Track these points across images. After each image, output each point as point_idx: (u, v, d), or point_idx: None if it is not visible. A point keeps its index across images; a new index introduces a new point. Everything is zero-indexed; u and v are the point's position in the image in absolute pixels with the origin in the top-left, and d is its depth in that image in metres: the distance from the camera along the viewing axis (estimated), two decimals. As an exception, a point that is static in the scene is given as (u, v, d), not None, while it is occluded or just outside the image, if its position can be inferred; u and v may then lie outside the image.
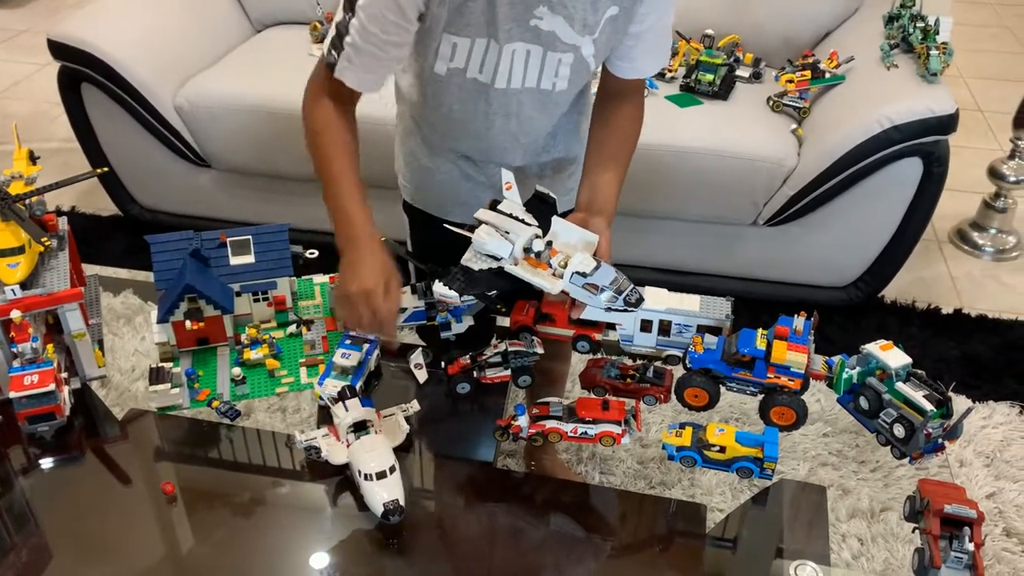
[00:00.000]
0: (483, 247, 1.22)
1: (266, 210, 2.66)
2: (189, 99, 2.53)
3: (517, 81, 1.29)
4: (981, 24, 4.53)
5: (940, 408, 1.18)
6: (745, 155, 2.30)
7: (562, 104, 1.37)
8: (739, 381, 1.26)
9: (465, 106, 1.35)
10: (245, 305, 1.43)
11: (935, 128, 2.13)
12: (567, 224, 1.25)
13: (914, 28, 2.31)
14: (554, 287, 1.19)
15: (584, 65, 1.30)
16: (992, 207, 2.85)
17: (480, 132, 1.38)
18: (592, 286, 1.19)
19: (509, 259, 1.21)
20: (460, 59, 1.27)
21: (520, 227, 1.23)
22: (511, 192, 1.29)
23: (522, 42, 1.25)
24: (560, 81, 1.31)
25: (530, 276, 1.21)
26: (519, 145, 1.42)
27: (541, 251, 1.22)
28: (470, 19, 1.22)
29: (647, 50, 1.33)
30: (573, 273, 1.19)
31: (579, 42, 1.26)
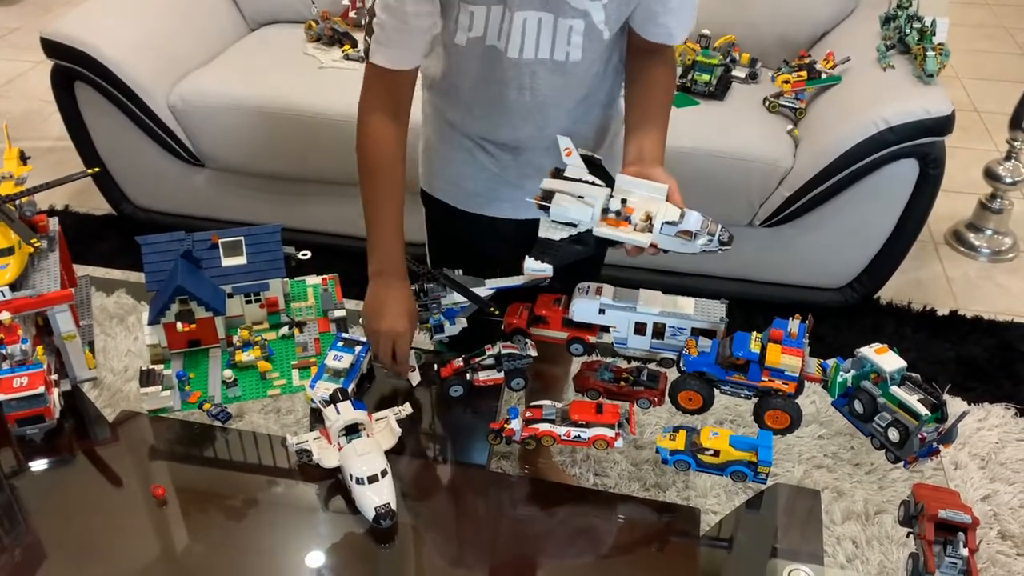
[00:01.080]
0: (564, 215, 1.20)
1: (260, 210, 2.65)
2: (183, 98, 2.52)
3: (530, 51, 1.29)
4: (978, 24, 4.52)
5: (935, 412, 1.17)
6: (741, 156, 2.29)
7: (578, 80, 1.35)
8: (733, 384, 1.26)
9: (483, 78, 1.35)
10: (237, 307, 1.42)
11: (931, 129, 2.13)
12: (633, 179, 1.23)
13: (910, 29, 2.31)
14: (645, 241, 1.17)
15: (596, 33, 1.28)
16: (988, 208, 2.84)
17: (497, 105, 1.37)
18: (685, 233, 1.17)
19: (592, 222, 1.19)
20: (478, 27, 1.28)
21: (593, 189, 1.21)
22: (572, 157, 1.26)
23: (532, 9, 1.25)
24: (573, 50, 1.29)
25: (620, 234, 1.18)
26: (535, 125, 1.40)
27: (619, 209, 1.19)
28: None
29: (674, 15, 1.30)
30: (664, 224, 1.17)
31: (588, 7, 1.25)
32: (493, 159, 1.46)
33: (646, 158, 1.30)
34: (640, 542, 1.22)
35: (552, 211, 1.21)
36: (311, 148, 2.48)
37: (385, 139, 1.34)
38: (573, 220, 1.20)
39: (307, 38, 2.78)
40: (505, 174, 1.46)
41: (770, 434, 1.22)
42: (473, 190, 1.49)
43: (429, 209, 1.60)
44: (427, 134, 1.54)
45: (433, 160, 1.54)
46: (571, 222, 1.20)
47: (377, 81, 1.32)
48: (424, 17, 1.25)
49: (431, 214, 1.60)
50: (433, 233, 1.63)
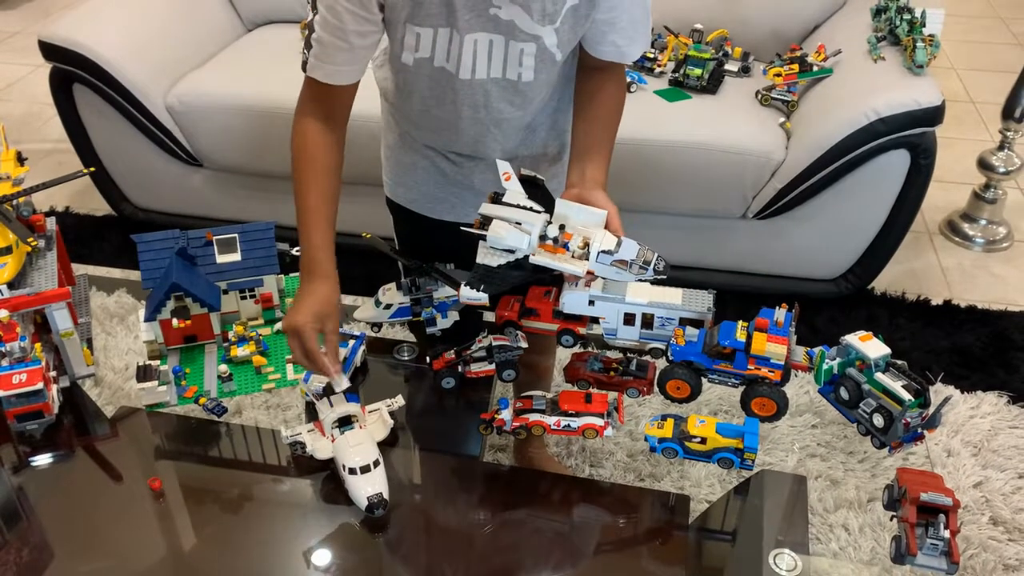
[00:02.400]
0: (501, 242, 1.19)
1: (258, 208, 2.67)
2: (181, 99, 2.55)
3: (482, 71, 1.28)
4: (974, 15, 4.53)
5: (918, 398, 1.19)
6: (734, 149, 2.31)
7: (533, 96, 1.35)
8: (720, 373, 1.27)
9: (435, 96, 1.34)
10: (232, 303, 1.45)
11: (921, 120, 2.14)
12: (572, 204, 1.24)
13: (900, 21, 2.32)
14: (581, 269, 1.18)
15: (549, 55, 1.28)
16: (982, 198, 2.85)
17: (451, 123, 1.38)
18: (621, 262, 1.19)
19: (529, 249, 1.19)
20: (426, 48, 1.27)
21: (531, 215, 1.21)
22: (511, 182, 1.26)
23: (483, 32, 1.24)
24: (525, 71, 1.29)
25: (555, 262, 1.19)
26: (492, 138, 1.41)
27: (556, 236, 1.20)
28: (430, 9, 1.22)
29: (623, 34, 1.30)
30: (599, 252, 1.18)
31: (540, 32, 1.25)
32: (454, 166, 1.47)
33: (588, 181, 1.29)
34: (630, 530, 1.24)
35: (489, 238, 1.20)
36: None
37: (317, 142, 1.30)
38: (510, 247, 1.19)
39: (303, 37, 2.79)
40: (468, 180, 1.48)
41: (756, 421, 1.24)
42: (436, 196, 1.51)
43: (395, 215, 1.61)
44: (388, 141, 1.55)
45: (395, 167, 1.55)
46: (509, 248, 1.20)
47: (314, 93, 1.29)
48: (366, 36, 1.24)
49: (397, 220, 1.62)
50: (401, 239, 1.64)
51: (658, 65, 2.59)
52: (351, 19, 1.20)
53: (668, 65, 2.60)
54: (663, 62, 2.60)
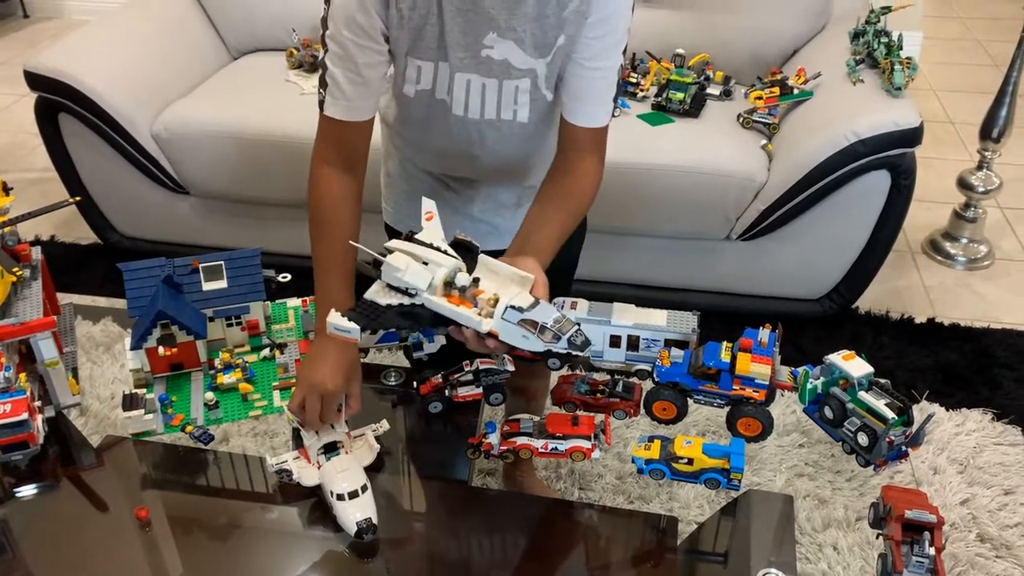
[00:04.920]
0: (395, 277, 1.02)
1: (245, 235, 2.68)
2: (167, 127, 2.55)
3: (475, 111, 1.30)
4: (951, 38, 4.60)
5: (901, 416, 1.20)
6: (717, 171, 2.33)
7: (528, 135, 1.36)
8: (705, 394, 1.28)
9: (435, 127, 1.36)
10: (218, 330, 1.45)
11: (901, 141, 2.17)
12: (496, 262, 1.09)
13: (878, 44, 2.36)
14: (482, 325, 1.02)
15: (541, 94, 1.30)
16: (963, 217, 2.89)
17: (450, 155, 1.40)
18: (530, 323, 1.01)
19: (428, 291, 1.03)
20: (426, 81, 1.29)
21: (441, 257, 1.05)
22: (431, 223, 1.14)
23: (476, 74, 1.26)
24: (520, 109, 1.31)
25: (455, 311, 1.02)
26: (491, 171, 1.43)
27: (466, 287, 1.04)
28: (429, 43, 1.24)
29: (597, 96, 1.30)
30: (508, 308, 1.01)
31: (534, 64, 1.26)
32: (454, 193, 1.49)
33: (528, 248, 1.21)
34: (620, 553, 1.24)
35: (384, 270, 1.04)
36: (293, 173, 2.50)
37: (338, 195, 1.30)
38: (407, 285, 1.02)
39: (288, 65, 2.82)
40: (467, 207, 1.49)
41: (742, 441, 1.24)
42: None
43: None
44: (388, 168, 1.57)
45: (395, 194, 1.56)
46: (405, 288, 1.03)
47: (331, 134, 1.29)
48: (376, 67, 1.25)
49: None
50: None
51: (641, 90, 2.62)
52: (359, 51, 1.22)
53: (651, 89, 2.63)
54: (646, 87, 2.63)
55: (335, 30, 1.22)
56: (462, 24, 1.22)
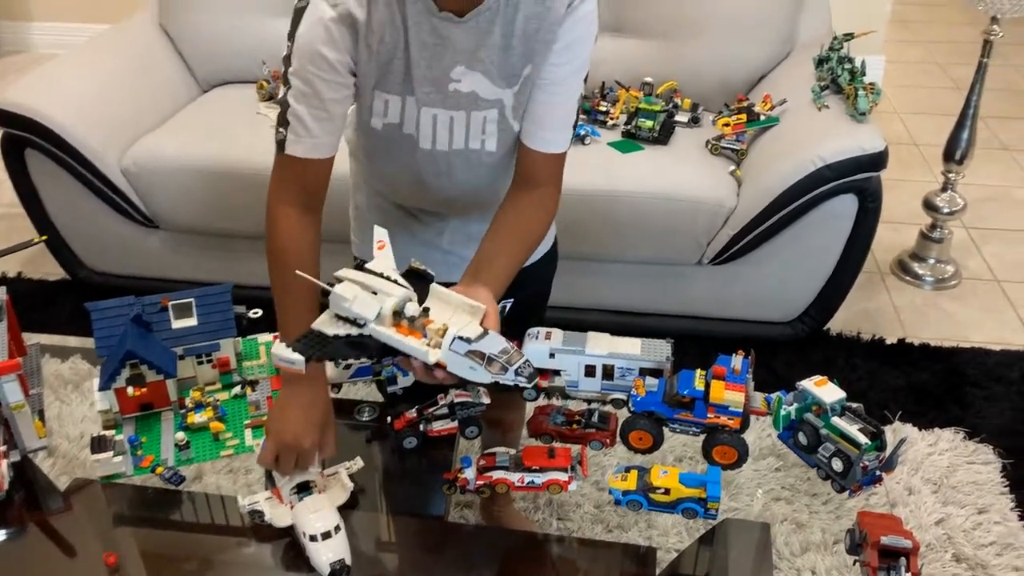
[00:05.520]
0: (343, 307, 1.01)
1: (216, 268, 2.66)
2: (136, 161, 2.53)
3: (443, 143, 1.30)
4: (913, 61, 4.70)
5: (874, 440, 1.20)
6: (687, 197, 2.35)
7: (496, 164, 1.36)
8: (681, 422, 1.29)
9: (403, 160, 1.36)
10: (189, 368, 1.43)
11: (867, 165, 2.20)
12: (447, 291, 1.08)
13: (842, 70, 2.40)
14: (430, 355, 1.00)
15: (508, 125, 1.30)
16: (929, 238, 2.93)
17: (418, 187, 1.40)
18: (477, 354, 1.01)
19: (376, 322, 1.01)
20: (394, 115, 1.29)
21: (390, 286, 1.04)
22: (383, 252, 1.13)
23: (443, 108, 1.26)
24: (488, 139, 1.31)
25: (401, 341, 1.01)
26: (461, 202, 1.43)
27: (415, 317, 1.02)
28: (396, 77, 1.24)
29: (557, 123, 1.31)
30: (455, 338, 1.00)
31: (501, 95, 1.26)
32: (423, 225, 1.49)
33: (479, 279, 1.20)
34: (597, 585, 1.23)
35: (331, 299, 1.02)
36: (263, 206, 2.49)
37: (295, 237, 1.28)
38: (355, 315, 1.01)
39: (259, 97, 2.82)
40: (436, 239, 1.49)
41: (718, 470, 1.25)
42: (404, 254, 1.51)
43: None
44: (357, 200, 1.56)
45: (364, 226, 1.56)
46: (353, 318, 1.01)
47: (291, 174, 1.27)
48: (342, 103, 1.24)
49: None
50: None
51: (610, 118, 2.64)
52: (325, 87, 1.20)
53: (620, 118, 2.65)
54: (615, 115, 2.65)
55: (299, 66, 1.21)
56: (428, 58, 1.22)
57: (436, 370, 1.03)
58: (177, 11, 2.91)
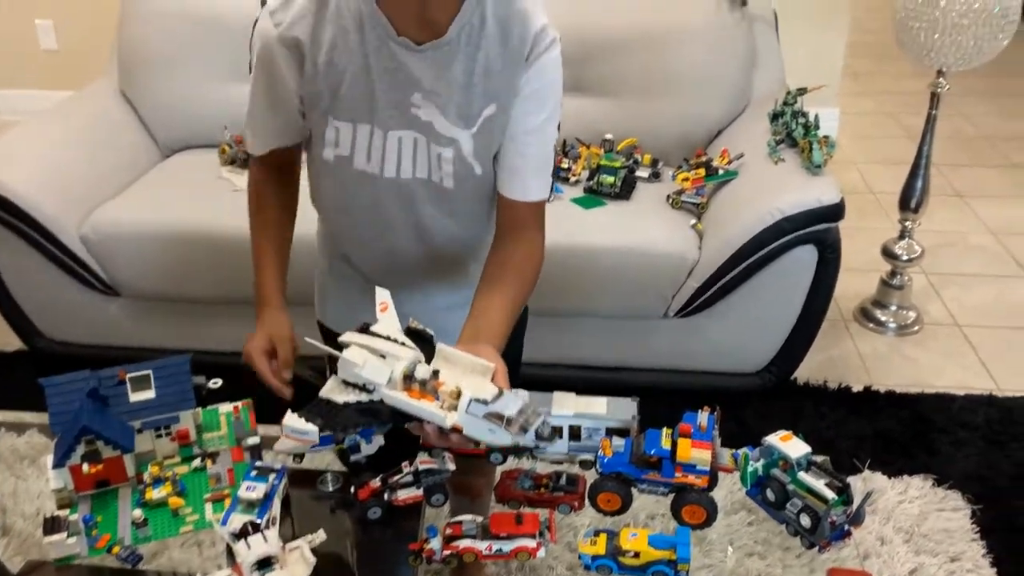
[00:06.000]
0: (353, 373, 1.00)
1: (179, 334, 2.62)
2: (95, 229, 2.51)
3: (407, 171, 1.30)
4: (865, 112, 4.83)
5: (841, 495, 1.20)
6: (650, 251, 2.38)
7: (458, 207, 1.35)
8: (649, 482, 1.27)
9: (357, 199, 1.35)
10: (147, 442, 1.39)
11: (824, 216, 2.24)
12: (455, 351, 1.07)
13: (796, 124, 2.45)
14: (447, 419, 0.99)
15: (466, 165, 1.29)
16: (890, 285, 2.98)
17: (377, 228, 1.39)
18: (496, 416, 1.00)
19: (387, 386, 1.00)
20: (345, 146, 1.28)
21: (399, 349, 1.03)
22: (387, 314, 1.12)
23: (407, 129, 1.26)
24: (446, 178, 1.30)
25: (417, 406, 0.99)
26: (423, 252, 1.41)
27: (426, 379, 1.01)
28: (351, 103, 1.24)
29: (533, 171, 1.32)
30: (472, 401, 0.98)
31: (456, 135, 1.26)
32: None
33: (481, 336, 1.21)
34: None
35: (340, 366, 1.01)
36: (227, 270, 2.47)
37: (268, 192, 1.42)
38: (366, 381, 1.00)
39: (221, 162, 2.82)
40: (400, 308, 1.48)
41: (688, 531, 1.23)
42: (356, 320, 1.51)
43: (325, 339, 1.60)
44: (321, 266, 1.56)
45: (326, 293, 1.56)
46: (363, 384, 1.00)
47: (261, 164, 1.40)
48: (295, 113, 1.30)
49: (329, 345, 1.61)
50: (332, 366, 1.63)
51: (572, 174, 2.67)
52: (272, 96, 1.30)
53: (582, 174, 2.69)
54: (577, 171, 2.68)
55: (254, 74, 1.29)
56: (389, 82, 1.23)
57: (452, 434, 1.02)
58: (138, 77, 2.92)
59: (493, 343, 1.19)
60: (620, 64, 2.76)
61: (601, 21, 2.75)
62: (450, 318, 1.37)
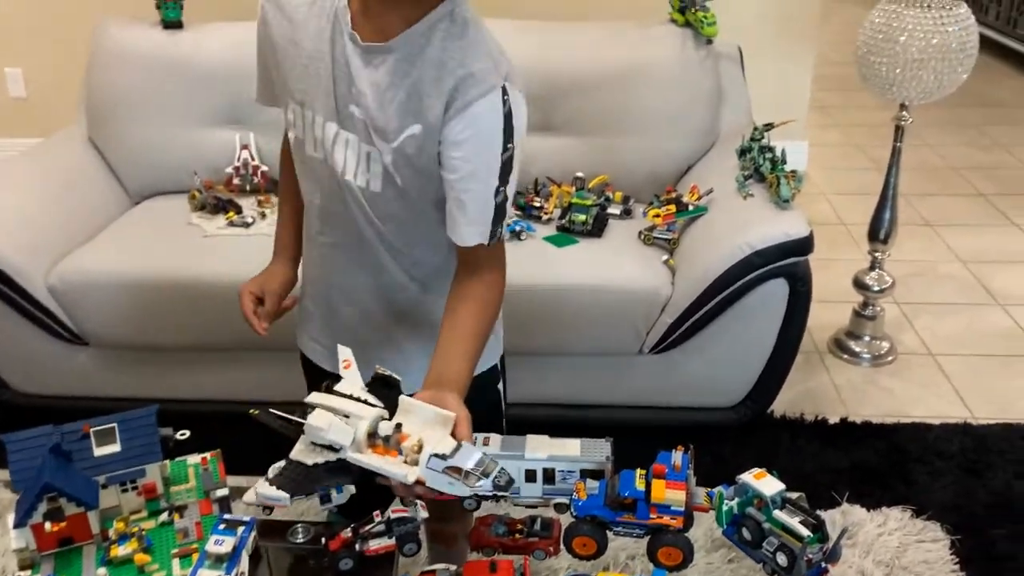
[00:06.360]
0: (319, 436, 1.05)
1: (149, 383, 2.59)
2: (63, 278, 2.48)
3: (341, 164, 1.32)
4: (832, 144, 4.90)
5: (816, 532, 1.19)
6: (623, 288, 2.38)
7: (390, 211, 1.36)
8: (624, 525, 1.26)
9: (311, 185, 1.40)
10: (112, 497, 1.36)
11: (793, 250, 2.26)
12: (417, 403, 1.11)
13: (764, 159, 2.48)
14: (409, 475, 1.04)
15: (389, 173, 1.30)
16: (863, 316, 3.00)
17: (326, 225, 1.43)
18: (455, 469, 1.05)
19: (352, 447, 1.05)
20: (299, 129, 1.35)
21: (362, 408, 1.09)
22: (350, 371, 1.17)
23: (344, 124, 1.30)
24: (374, 179, 1.31)
25: (379, 464, 1.05)
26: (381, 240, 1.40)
27: (389, 435, 1.07)
28: (306, 84, 1.30)
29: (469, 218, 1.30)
30: (431, 456, 1.04)
31: (380, 146, 1.28)
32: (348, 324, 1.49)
33: (444, 381, 1.22)
34: None
35: (307, 427, 1.06)
36: (198, 317, 2.45)
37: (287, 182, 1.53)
38: (331, 442, 1.05)
39: (191, 207, 2.80)
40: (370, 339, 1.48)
41: (664, 572, 1.22)
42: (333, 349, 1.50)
43: (306, 372, 1.61)
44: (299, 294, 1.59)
45: (302, 317, 1.58)
46: (330, 444, 1.05)
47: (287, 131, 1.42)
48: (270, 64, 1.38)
49: (310, 381, 1.60)
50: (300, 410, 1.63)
51: (545, 213, 2.68)
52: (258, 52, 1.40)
53: (554, 212, 2.70)
54: (549, 210, 2.69)
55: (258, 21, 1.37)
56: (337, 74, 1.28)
57: (416, 487, 1.07)
58: (106, 124, 2.91)
59: (455, 389, 1.20)
60: (589, 103, 2.79)
61: (568, 61, 2.78)
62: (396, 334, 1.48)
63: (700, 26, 2.71)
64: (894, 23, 2.54)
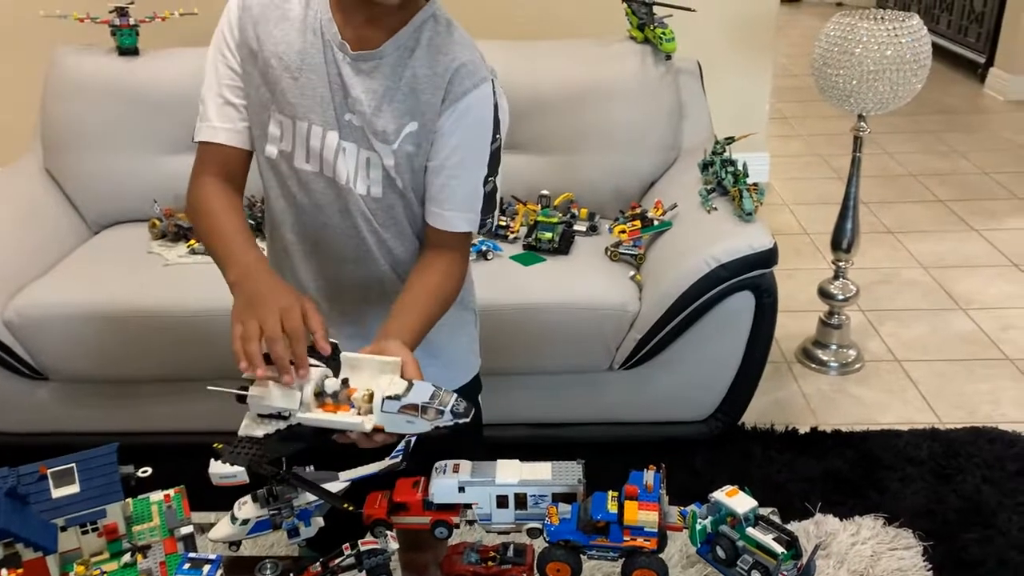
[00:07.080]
0: (264, 406, 1.02)
1: (112, 417, 2.53)
2: (20, 312, 2.42)
3: (341, 173, 1.32)
4: (794, 155, 4.96)
5: (790, 549, 1.19)
6: (591, 305, 2.38)
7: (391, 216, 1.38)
8: (598, 548, 1.25)
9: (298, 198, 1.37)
10: (72, 539, 1.32)
11: (758, 263, 2.27)
12: (359, 355, 1.09)
13: (726, 173, 2.49)
14: (366, 422, 1.02)
15: (390, 177, 1.33)
16: (829, 324, 3.02)
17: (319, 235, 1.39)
18: (411, 407, 1.03)
19: (301, 409, 1.02)
20: (287, 141, 1.32)
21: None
22: None
23: (342, 133, 1.30)
24: (374, 186, 1.34)
25: (333, 419, 1.02)
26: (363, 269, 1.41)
27: (337, 391, 1.04)
28: (297, 96, 1.29)
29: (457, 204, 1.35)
30: (384, 399, 1.01)
31: (380, 149, 1.30)
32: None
33: (390, 335, 1.22)
34: None
35: (250, 402, 1.04)
36: (160, 348, 2.41)
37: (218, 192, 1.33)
38: (278, 410, 1.02)
39: (151, 236, 2.76)
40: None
41: (639, 597, 1.21)
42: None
43: None
44: None
45: None
46: (277, 413, 1.03)
47: (205, 155, 1.35)
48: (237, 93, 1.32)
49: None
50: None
51: (511, 232, 2.68)
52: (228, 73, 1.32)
53: (520, 231, 2.69)
54: (515, 228, 2.69)
55: (210, 55, 1.32)
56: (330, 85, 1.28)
57: (376, 435, 1.05)
58: (63, 154, 2.86)
59: (401, 337, 1.20)
60: (551, 121, 2.79)
61: (529, 80, 2.78)
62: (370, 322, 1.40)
63: (659, 42, 2.73)
64: (849, 35, 2.57)
